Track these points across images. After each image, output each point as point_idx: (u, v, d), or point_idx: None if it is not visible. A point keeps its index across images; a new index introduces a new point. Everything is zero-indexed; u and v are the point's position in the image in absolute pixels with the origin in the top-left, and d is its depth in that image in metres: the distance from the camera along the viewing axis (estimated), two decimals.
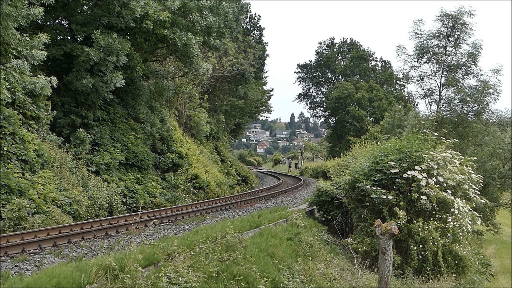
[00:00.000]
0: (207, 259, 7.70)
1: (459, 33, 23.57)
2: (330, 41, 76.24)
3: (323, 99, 73.12)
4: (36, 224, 10.97)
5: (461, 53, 23.91)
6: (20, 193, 11.66)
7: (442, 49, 24.05)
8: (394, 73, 54.28)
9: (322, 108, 73.28)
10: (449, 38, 23.79)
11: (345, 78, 70.16)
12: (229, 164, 34.25)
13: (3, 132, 12.42)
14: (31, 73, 14.04)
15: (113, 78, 17.32)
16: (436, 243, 10.78)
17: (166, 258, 7.39)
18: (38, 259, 8.26)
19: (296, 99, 76.99)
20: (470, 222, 11.73)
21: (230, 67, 36.25)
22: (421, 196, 11.16)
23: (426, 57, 24.46)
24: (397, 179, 11.73)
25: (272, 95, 56.73)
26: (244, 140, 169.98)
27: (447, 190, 11.61)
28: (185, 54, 20.51)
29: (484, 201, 12.95)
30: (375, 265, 10.63)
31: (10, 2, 12.67)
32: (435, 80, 24.69)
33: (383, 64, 71.42)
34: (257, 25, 52.22)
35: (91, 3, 18.63)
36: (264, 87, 53.66)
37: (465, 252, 11.20)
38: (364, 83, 64.17)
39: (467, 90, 23.49)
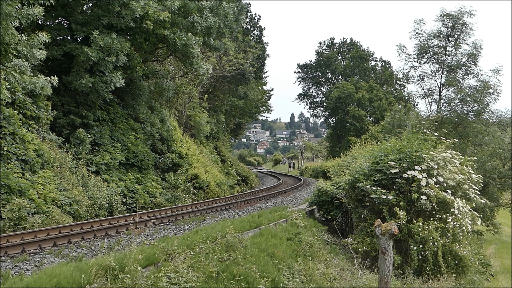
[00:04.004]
0: (207, 259, 7.70)
1: (459, 33, 23.60)
2: (330, 41, 76.28)
3: (323, 99, 73.16)
4: (36, 224, 10.97)
5: (461, 53, 23.96)
6: (20, 193, 11.66)
7: (442, 49, 24.07)
8: (394, 73, 54.23)
9: (322, 108, 73.33)
10: (449, 38, 23.81)
11: (345, 78, 70.19)
12: (229, 164, 34.24)
13: (3, 132, 12.42)
14: (32, 73, 14.05)
15: (113, 78, 17.32)
16: (436, 243, 10.77)
17: (166, 258, 7.38)
18: (38, 259, 8.26)
19: (296, 99, 77.10)
20: (470, 222, 11.73)
21: (230, 67, 36.25)
22: (421, 196, 11.16)
23: (426, 57, 24.49)
24: (397, 179, 11.72)
25: (272, 95, 56.80)
26: (244, 140, 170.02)
27: (447, 190, 11.61)
28: (185, 54, 20.51)
29: (484, 201, 12.95)
30: (375, 265, 10.63)
31: (10, 2, 12.67)
32: (435, 80, 24.74)
33: (383, 64, 71.46)
34: (257, 25, 52.22)
35: (91, 3, 18.63)
36: (264, 87, 53.67)
37: (465, 252, 11.20)
38: (364, 83, 64.18)
39: (467, 90, 23.51)
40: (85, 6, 18.70)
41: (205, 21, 21.06)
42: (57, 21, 18.46)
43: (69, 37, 18.23)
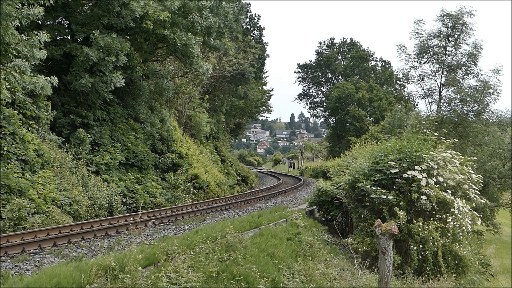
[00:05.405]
0: (207, 259, 7.70)
1: (459, 33, 23.58)
2: (330, 41, 76.38)
3: (323, 99, 73.27)
4: (36, 224, 10.98)
5: (461, 53, 23.93)
6: (20, 193, 11.66)
7: (442, 49, 24.06)
8: (394, 73, 54.29)
9: (322, 108, 73.43)
10: (449, 38, 23.79)
11: (345, 78, 70.25)
12: (229, 164, 34.25)
13: (3, 132, 12.42)
14: (32, 73, 14.05)
15: (113, 78, 17.32)
16: (436, 243, 10.77)
17: (166, 258, 7.38)
18: (38, 259, 8.26)
19: (296, 99, 77.26)
20: (470, 222, 11.72)
21: (230, 67, 36.24)
22: (421, 196, 11.15)
23: (426, 57, 24.47)
24: (397, 179, 11.72)
25: (272, 95, 56.80)
26: (244, 140, 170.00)
27: (447, 190, 11.60)
28: (185, 54, 20.51)
29: (484, 201, 12.93)
30: (375, 265, 10.62)
31: (10, 2, 12.67)
32: (435, 80, 24.72)
33: (383, 64, 71.55)
34: (257, 25, 52.26)
35: (91, 3, 18.62)
36: (264, 87, 53.69)
37: (465, 252, 11.19)
38: (364, 83, 64.24)
39: (467, 90, 23.49)
40: (85, 6, 18.70)
41: (205, 21, 21.06)
42: (57, 21, 18.46)
43: (69, 37, 18.23)
